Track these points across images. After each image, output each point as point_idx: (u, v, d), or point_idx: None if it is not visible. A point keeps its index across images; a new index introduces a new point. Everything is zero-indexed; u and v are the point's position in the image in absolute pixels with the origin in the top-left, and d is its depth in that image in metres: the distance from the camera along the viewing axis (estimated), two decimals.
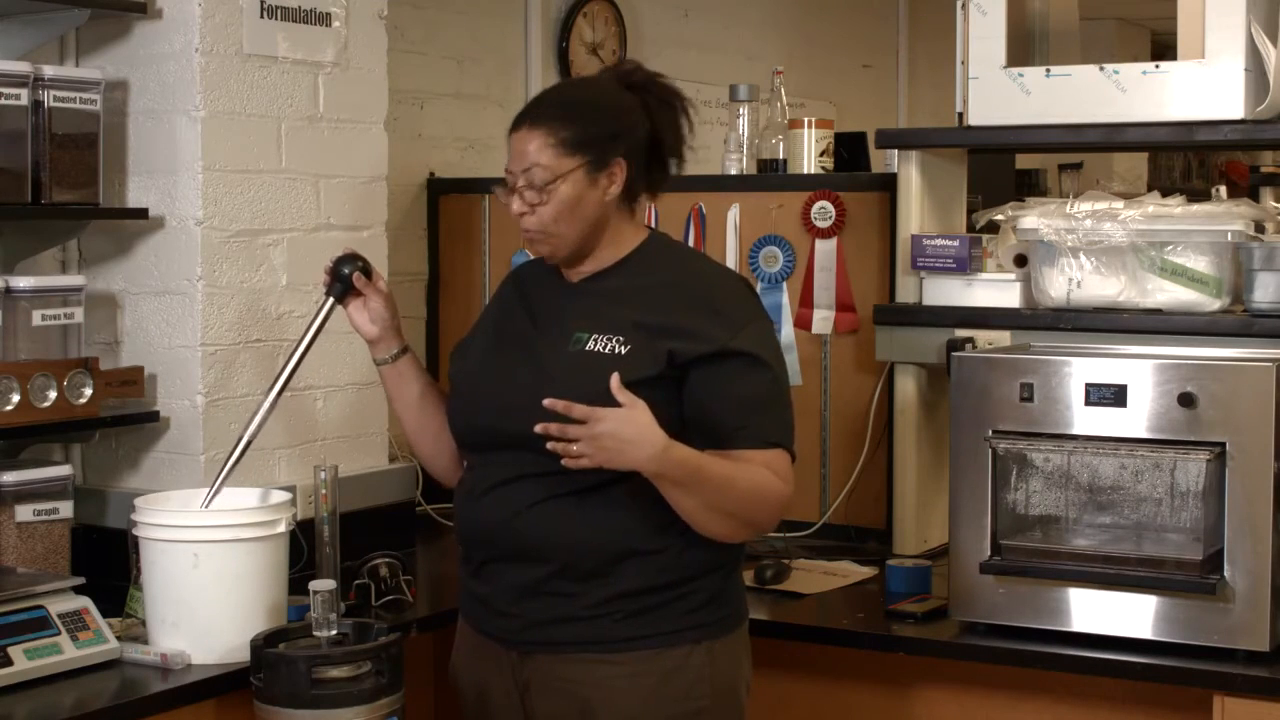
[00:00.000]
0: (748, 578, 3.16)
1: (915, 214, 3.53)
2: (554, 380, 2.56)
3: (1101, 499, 2.94)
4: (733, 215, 3.90)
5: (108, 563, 3.06)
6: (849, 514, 3.79)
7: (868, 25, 6.97)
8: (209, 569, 2.72)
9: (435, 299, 4.32)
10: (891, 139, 3.63)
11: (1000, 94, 3.37)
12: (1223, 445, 2.77)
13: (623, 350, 2.56)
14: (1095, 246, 3.20)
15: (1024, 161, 7.35)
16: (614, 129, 2.61)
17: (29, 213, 3.07)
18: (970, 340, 3.36)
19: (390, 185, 3.67)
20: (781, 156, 4.04)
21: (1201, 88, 3.18)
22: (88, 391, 3.05)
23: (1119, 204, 3.22)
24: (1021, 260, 3.39)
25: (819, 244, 3.79)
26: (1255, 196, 7.00)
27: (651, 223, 3.74)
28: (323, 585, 2.63)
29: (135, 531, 2.79)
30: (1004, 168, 6.25)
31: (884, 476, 3.70)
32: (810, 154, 3.99)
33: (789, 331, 3.79)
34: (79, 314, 3.11)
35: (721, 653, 2.62)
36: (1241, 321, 3.11)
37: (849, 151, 4.35)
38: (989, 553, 2.96)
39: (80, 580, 2.82)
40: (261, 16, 3.31)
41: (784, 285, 3.82)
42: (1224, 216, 3.14)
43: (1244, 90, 3.14)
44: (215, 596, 2.73)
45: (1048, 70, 3.35)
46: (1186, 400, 2.79)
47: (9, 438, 3.03)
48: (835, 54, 6.66)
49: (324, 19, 3.45)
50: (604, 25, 5.12)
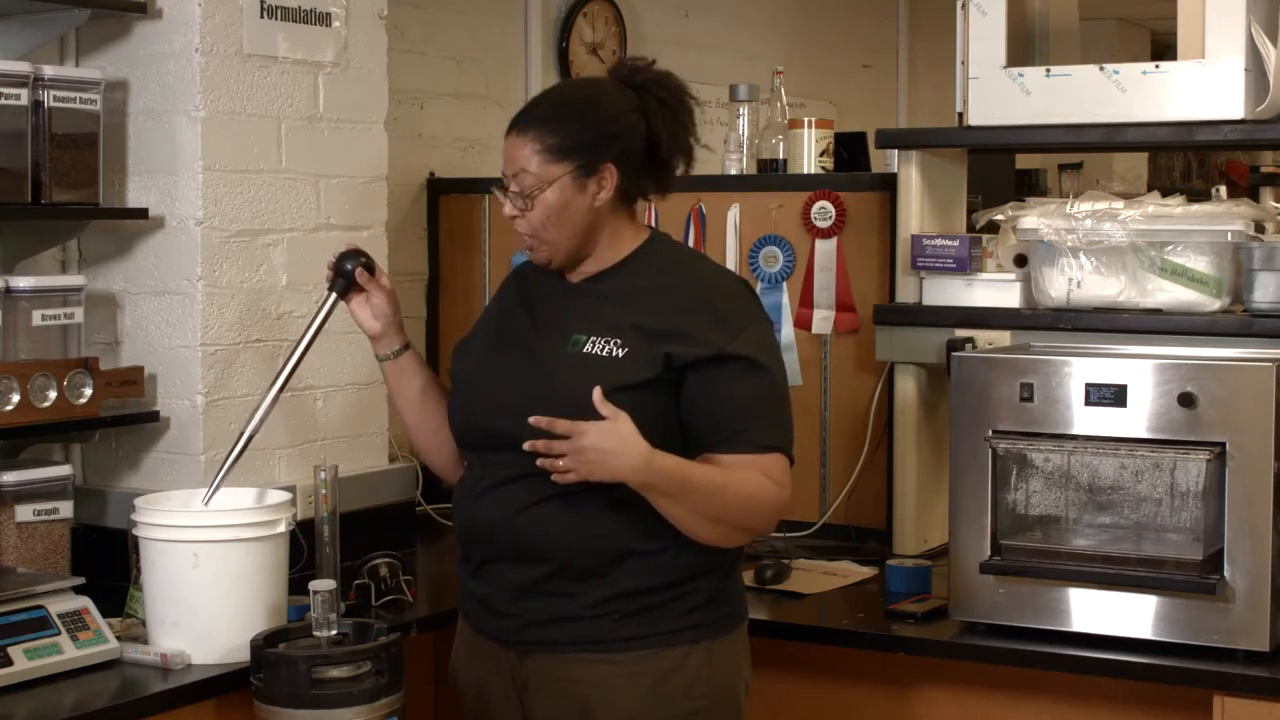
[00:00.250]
0: (748, 578, 3.16)
1: (915, 214, 3.53)
2: (552, 382, 2.56)
3: (1101, 499, 2.94)
4: (733, 215, 3.89)
5: (108, 563, 3.06)
6: (849, 514, 3.78)
7: (868, 25, 6.97)
8: (209, 569, 2.72)
9: (435, 299, 4.32)
10: (891, 139, 3.63)
11: (1000, 94, 3.37)
12: (1223, 445, 2.77)
13: (620, 353, 2.55)
14: (1095, 246, 3.20)
15: (1024, 161, 7.35)
16: (604, 133, 2.60)
17: (29, 213, 3.07)
18: (970, 340, 3.36)
19: (390, 185, 3.67)
20: (781, 156, 4.04)
21: (1201, 88, 3.18)
22: (88, 391, 3.05)
23: (1119, 204, 3.22)
24: (1021, 260, 3.39)
25: (819, 244, 3.79)
26: (1255, 196, 7.01)
27: (651, 223, 3.74)
28: (323, 585, 2.63)
29: (135, 531, 2.79)
30: (1004, 168, 6.25)
31: (884, 476, 3.70)
32: (810, 154, 3.99)
33: (789, 331, 3.79)
34: (79, 314, 3.11)
35: (720, 653, 2.62)
36: (1241, 321, 3.11)
37: (849, 151, 4.34)
38: (989, 553, 2.95)
39: (80, 580, 2.82)
40: (261, 16, 3.31)
41: (784, 285, 3.82)
42: (1224, 216, 3.14)
43: (1244, 90, 3.14)
44: (215, 596, 2.73)
45: (1048, 70, 3.35)
46: (1186, 400, 2.79)
47: (9, 438, 3.03)
48: (835, 54, 6.66)
49: (324, 19, 3.45)
50: (604, 25, 5.12)
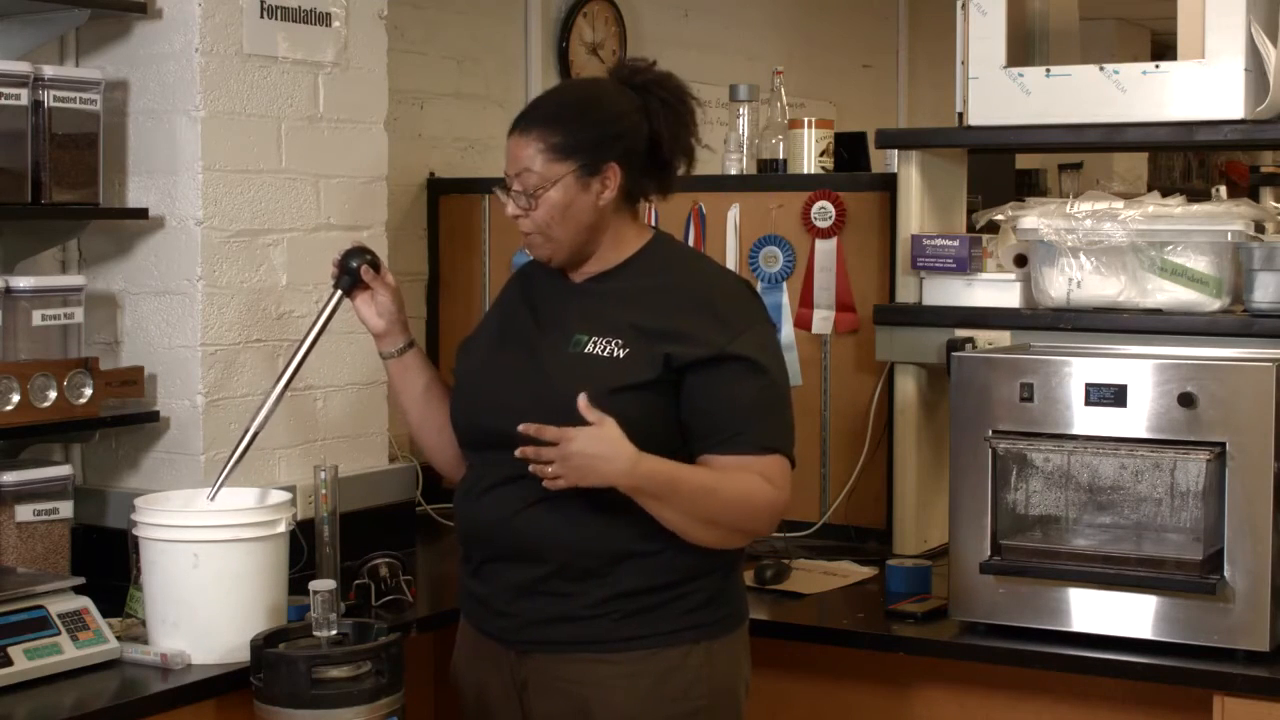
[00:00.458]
0: (748, 578, 3.16)
1: (915, 214, 3.53)
2: (552, 381, 2.56)
3: (1101, 499, 2.94)
4: (733, 215, 3.89)
5: (108, 563, 3.06)
6: (849, 514, 3.78)
7: (868, 25, 6.97)
8: (209, 569, 2.72)
9: (435, 299, 4.32)
10: (891, 139, 3.63)
11: (1000, 94, 3.37)
12: (1223, 445, 2.77)
13: (621, 353, 2.56)
14: (1095, 246, 3.20)
15: (1024, 161, 7.35)
16: (608, 133, 2.60)
17: (29, 213, 3.07)
18: (970, 340, 3.36)
19: (390, 185, 3.67)
20: (781, 156, 4.04)
21: (1201, 88, 3.18)
22: (88, 391, 3.05)
23: (1119, 204, 3.22)
24: (1021, 260, 3.39)
25: (819, 244, 3.79)
26: (1255, 196, 7.01)
27: (651, 223, 3.74)
28: (323, 585, 2.63)
29: (135, 531, 2.79)
30: (1004, 168, 6.25)
31: (884, 476, 3.70)
32: (810, 154, 3.99)
33: (789, 331, 3.79)
34: (79, 314, 3.11)
35: (720, 653, 2.62)
36: (1241, 321, 3.11)
37: (849, 151, 4.34)
38: (989, 553, 2.95)
39: (80, 580, 2.82)
40: (261, 16, 3.31)
41: (784, 285, 3.82)
42: (1224, 216, 3.14)
43: (1244, 90, 3.14)
44: (215, 596, 2.73)
45: (1048, 70, 3.35)
46: (1186, 400, 2.79)
47: (9, 438, 3.03)
48: (835, 54, 6.66)
49: (324, 19, 3.45)
50: (604, 25, 5.12)
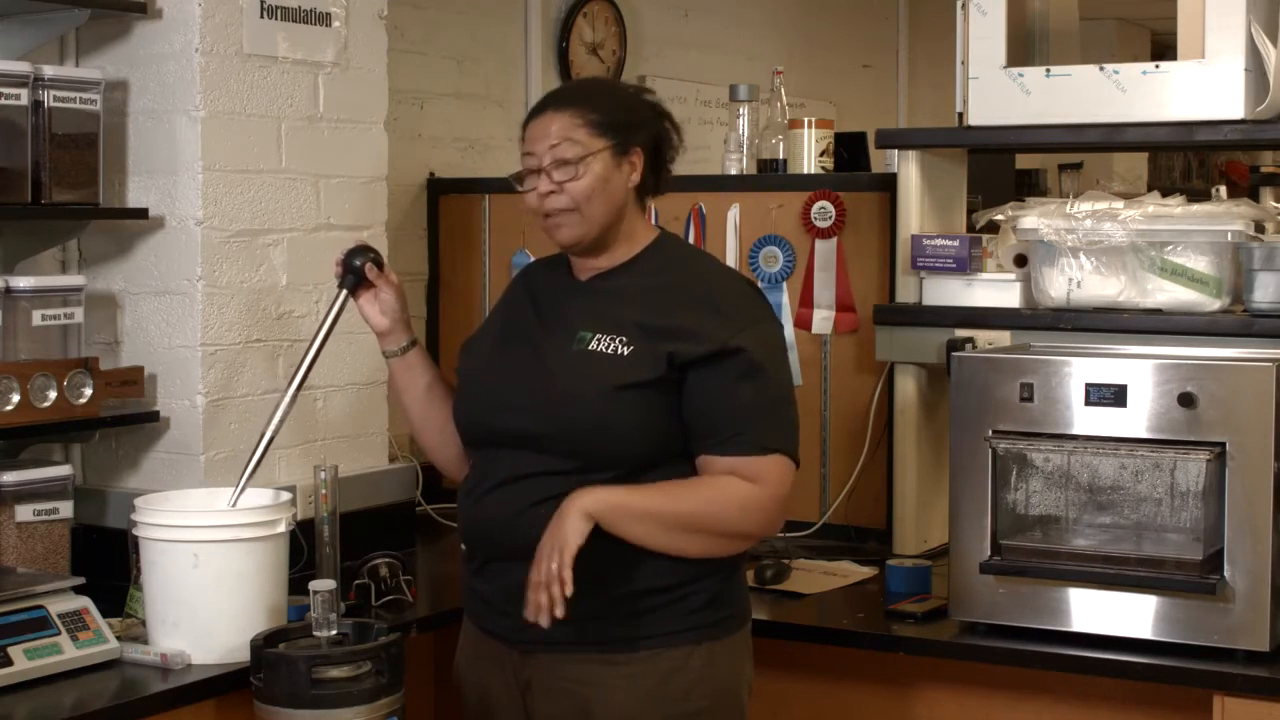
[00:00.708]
0: (748, 578, 3.15)
1: (915, 214, 3.53)
2: (556, 379, 2.57)
3: (1101, 499, 2.93)
4: (733, 215, 3.89)
5: (108, 563, 3.06)
6: (849, 514, 3.78)
7: (868, 25, 6.97)
8: (209, 569, 2.72)
9: (435, 299, 4.32)
10: (891, 139, 3.63)
11: (1000, 94, 3.36)
12: (1223, 445, 2.77)
13: (625, 351, 2.56)
14: (1095, 246, 3.20)
15: (1024, 161, 7.35)
16: (634, 119, 2.66)
17: (29, 213, 3.07)
18: (970, 340, 3.36)
19: (390, 185, 3.67)
20: (781, 156, 4.04)
21: (1201, 88, 3.18)
22: (88, 391, 3.05)
23: (1119, 204, 3.22)
24: (1021, 260, 3.39)
25: (819, 244, 3.79)
26: (1255, 196, 7.01)
27: (651, 222, 3.74)
28: (323, 585, 2.63)
29: (135, 531, 2.79)
30: (1004, 168, 6.25)
31: (884, 476, 3.70)
32: (810, 154, 3.99)
33: (789, 331, 3.78)
34: (79, 314, 3.11)
35: (722, 654, 2.62)
36: (1241, 321, 3.11)
37: (849, 151, 4.34)
38: (989, 553, 2.95)
39: (80, 580, 2.82)
40: (261, 16, 3.31)
41: (784, 285, 3.82)
42: (1224, 216, 3.14)
43: (1244, 90, 3.14)
44: (215, 596, 2.73)
45: (1048, 70, 3.35)
46: (1186, 400, 2.79)
47: (9, 438, 3.03)
48: (835, 54, 6.66)
49: (324, 19, 3.45)
50: (604, 25, 5.12)
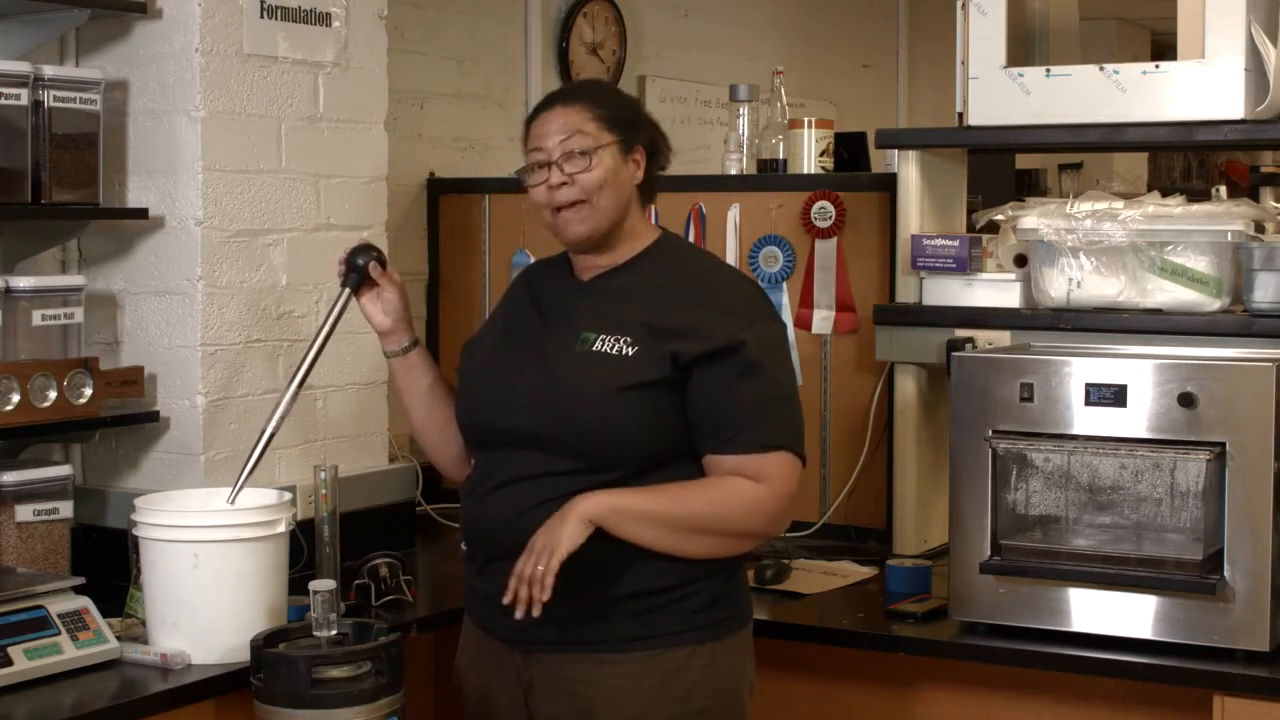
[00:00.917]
0: (748, 578, 3.15)
1: (915, 214, 3.53)
2: (559, 379, 2.57)
3: (1101, 499, 2.93)
4: (733, 215, 3.89)
5: (108, 563, 3.06)
6: (849, 514, 3.78)
7: (868, 25, 6.97)
8: (209, 569, 2.72)
9: (435, 299, 4.32)
10: (891, 139, 3.62)
11: (1000, 94, 3.36)
12: (1223, 445, 2.77)
13: (630, 351, 2.56)
14: (1095, 246, 3.20)
15: (1024, 161, 7.35)
16: (637, 119, 2.69)
17: (29, 213, 3.07)
18: (970, 340, 3.36)
19: (390, 185, 3.67)
20: (781, 156, 4.04)
21: (1201, 88, 3.18)
22: (88, 391, 3.05)
23: (1119, 204, 3.22)
24: (1021, 260, 3.38)
25: (819, 244, 3.79)
26: (1255, 196, 7.01)
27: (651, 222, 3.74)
28: (323, 585, 2.63)
29: (135, 531, 2.79)
30: (1004, 168, 6.26)
31: (884, 476, 3.70)
32: (810, 154, 3.99)
33: (789, 332, 3.78)
34: (79, 314, 3.11)
35: (724, 654, 2.62)
36: (1241, 321, 3.11)
37: (849, 151, 4.34)
38: (989, 553, 2.95)
39: (80, 580, 2.82)
40: (261, 16, 3.31)
41: (784, 285, 3.82)
42: (1224, 216, 3.14)
43: (1244, 90, 3.14)
44: (215, 596, 2.73)
45: (1048, 70, 3.35)
46: (1186, 400, 2.79)
47: (9, 438, 3.03)
48: (835, 54, 6.66)
49: (324, 19, 3.45)
50: (604, 25, 5.12)
